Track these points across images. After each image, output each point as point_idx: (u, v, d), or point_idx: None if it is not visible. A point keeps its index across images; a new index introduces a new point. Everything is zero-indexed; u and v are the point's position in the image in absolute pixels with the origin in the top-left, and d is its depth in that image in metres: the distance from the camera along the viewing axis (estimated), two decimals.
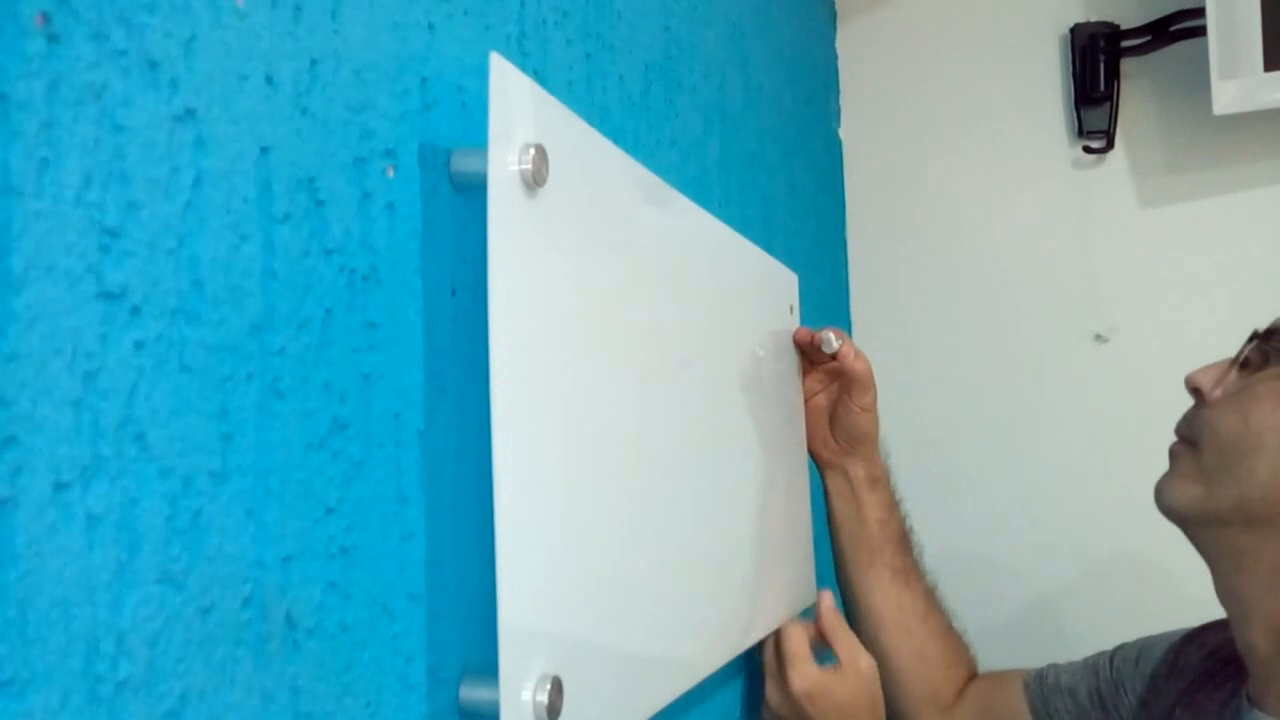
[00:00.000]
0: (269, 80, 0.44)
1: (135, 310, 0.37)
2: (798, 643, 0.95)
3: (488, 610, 0.53)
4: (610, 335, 0.66)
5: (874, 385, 1.05)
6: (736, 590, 0.89)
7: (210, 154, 0.41)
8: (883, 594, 1.07)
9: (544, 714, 0.53)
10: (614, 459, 0.65)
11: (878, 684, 0.97)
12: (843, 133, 1.72)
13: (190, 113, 0.40)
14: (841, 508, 1.09)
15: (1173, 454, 0.81)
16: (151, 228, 0.38)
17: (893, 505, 1.09)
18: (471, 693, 0.55)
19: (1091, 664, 1.01)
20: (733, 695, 1.00)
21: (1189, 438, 0.80)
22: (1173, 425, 1.51)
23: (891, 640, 1.07)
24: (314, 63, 0.47)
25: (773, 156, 1.27)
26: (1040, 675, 1.03)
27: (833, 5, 1.73)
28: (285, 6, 0.46)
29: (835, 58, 1.73)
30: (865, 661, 0.96)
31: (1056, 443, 1.60)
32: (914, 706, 1.07)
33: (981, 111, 1.67)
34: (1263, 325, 0.83)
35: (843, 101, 1.73)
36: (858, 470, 1.08)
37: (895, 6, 1.72)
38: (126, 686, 0.36)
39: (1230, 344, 1.45)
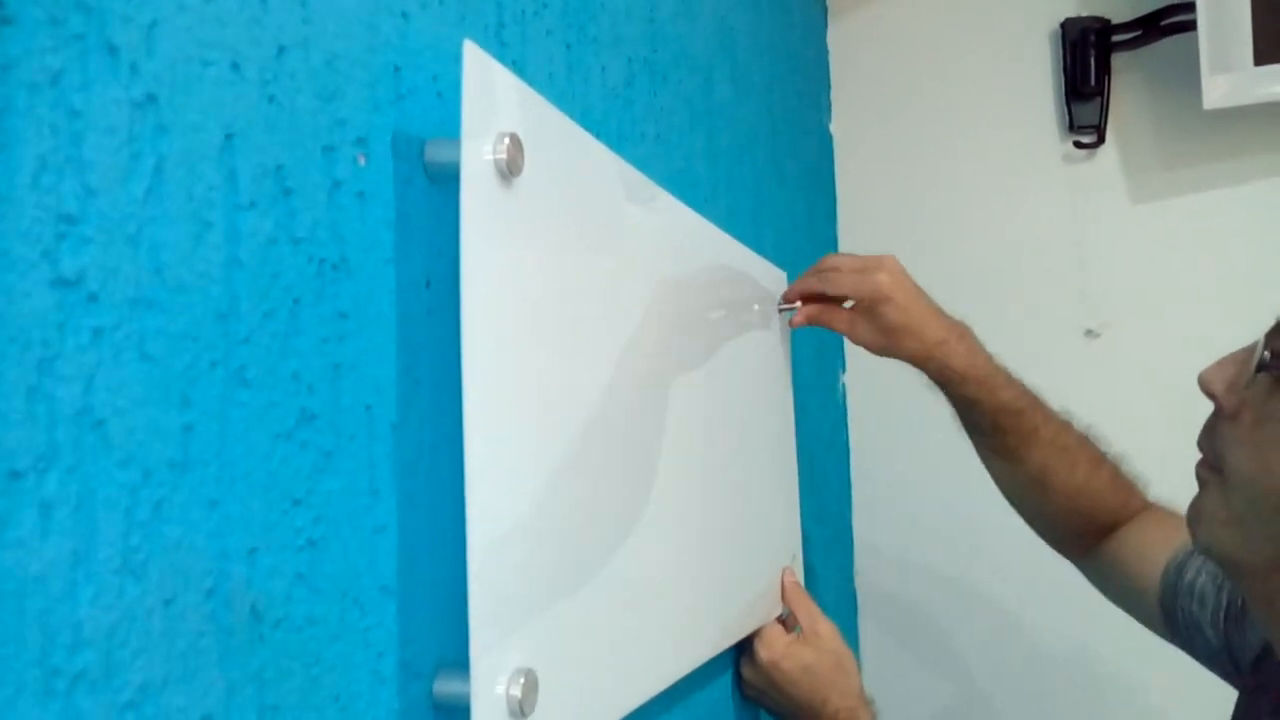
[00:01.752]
0: (234, 67, 0.44)
1: (93, 297, 0.37)
2: None
3: (463, 604, 0.52)
4: (586, 329, 0.65)
5: (863, 289, 1.00)
6: (719, 585, 0.89)
7: (172, 140, 0.40)
8: (990, 468, 1.09)
9: (517, 708, 0.52)
10: (589, 452, 0.64)
11: (840, 641, 1.02)
12: (834, 128, 1.72)
13: (151, 98, 0.40)
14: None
15: (1200, 478, 0.72)
16: (110, 215, 0.38)
17: (970, 400, 1.02)
18: (446, 686, 0.54)
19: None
20: (722, 690, 1.00)
21: (1213, 462, 0.70)
22: (1163, 420, 1.52)
23: (1011, 503, 1.09)
24: (282, 50, 0.47)
25: (762, 151, 1.27)
26: (1181, 567, 0.93)
27: (824, 1, 1.72)
28: None
29: (826, 52, 1.72)
30: (824, 625, 1.02)
31: None
32: (1053, 541, 1.09)
33: (972, 106, 1.66)
34: (1262, 320, 0.79)
35: (834, 96, 1.73)
36: (925, 368, 1.02)
37: (886, 2, 1.71)
38: (83, 678, 0.35)
39: (1220, 338, 1.44)
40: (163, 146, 0.40)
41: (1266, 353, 0.66)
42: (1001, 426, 1.02)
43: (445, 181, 0.57)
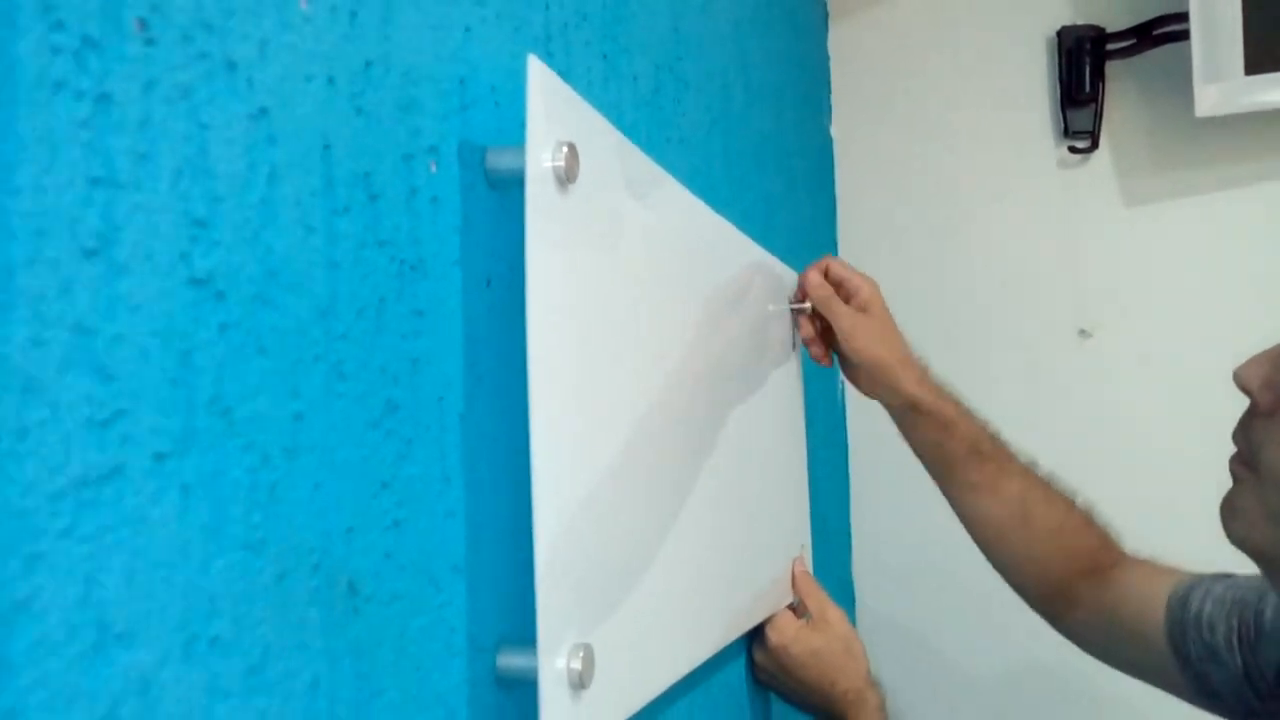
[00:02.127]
0: (330, 81, 0.47)
1: (220, 295, 0.40)
2: None
3: (518, 584, 0.56)
4: (631, 327, 0.69)
5: (848, 316, 1.05)
6: (739, 572, 0.93)
7: (281, 150, 0.44)
8: (967, 510, 1.08)
9: (577, 680, 0.56)
10: (636, 444, 0.68)
11: (848, 627, 1.05)
12: (834, 130, 1.76)
13: (264, 111, 0.43)
14: (906, 436, 1.09)
15: (1234, 472, 0.74)
16: (233, 219, 0.41)
17: (947, 423, 1.05)
18: (508, 661, 0.58)
19: (1239, 600, 0.89)
20: (737, 674, 1.03)
21: (1247, 457, 0.72)
22: (1155, 418, 1.57)
23: (991, 551, 1.07)
24: (368, 64, 0.50)
25: (771, 154, 1.30)
26: (1184, 600, 0.92)
27: (825, 5, 1.76)
28: (342, 11, 0.49)
29: (827, 56, 1.76)
30: (833, 612, 1.06)
31: (1042, 436, 1.63)
32: (1036, 596, 1.06)
33: (969, 111, 1.71)
34: (1250, 322, 0.81)
35: (834, 99, 1.76)
36: (891, 401, 1.06)
37: (886, 7, 1.75)
38: (218, 643, 0.39)
39: (1209, 339, 1.49)
40: (274, 156, 0.43)
41: None
42: (980, 452, 1.04)
43: (503, 187, 0.61)
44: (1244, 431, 0.72)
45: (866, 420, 1.73)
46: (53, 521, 0.33)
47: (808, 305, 1.09)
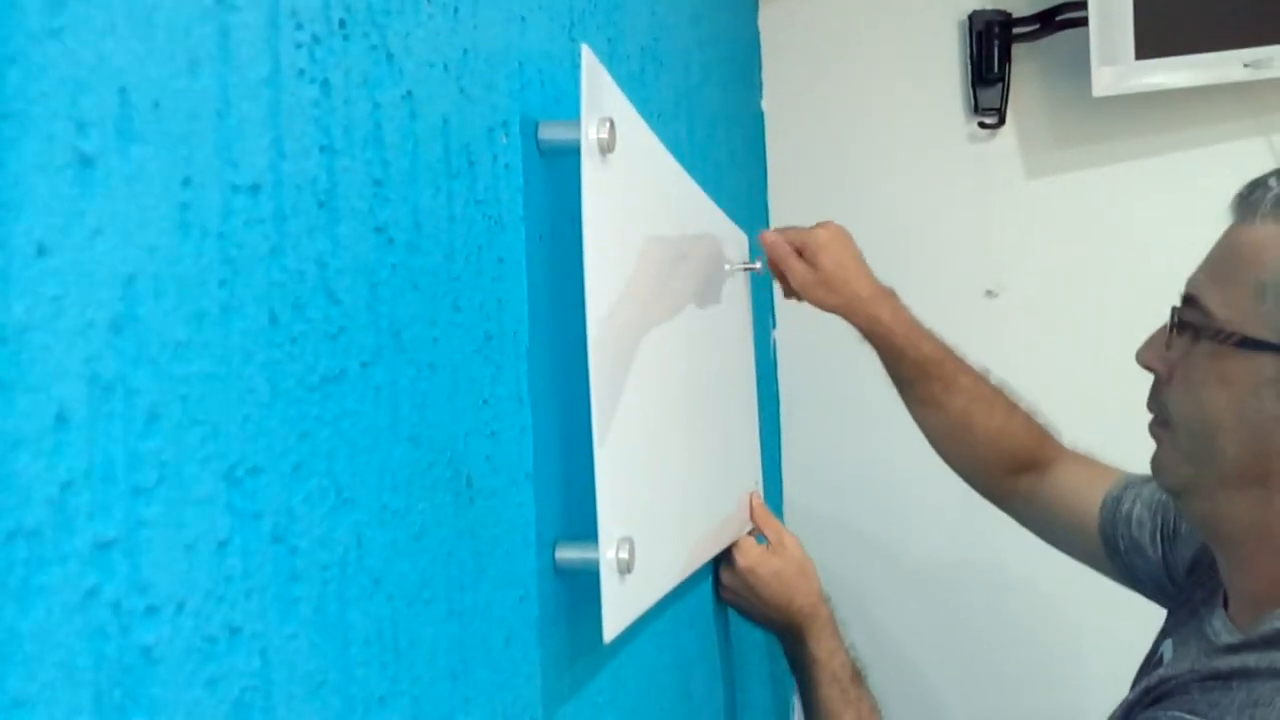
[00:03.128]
0: (446, 67, 0.57)
1: (391, 241, 0.50)
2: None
3: (569, 491, 0.68)
4: (648, 275, 0.80)
5: (798, 274, 1.19)
6: (713, 500, 1.05)
7: (420, 124, 0.54)
8: (919, 420, 1.25)
9: (625, 566, 0.67)
10: (653, 376, 0.79)
11: (802, 551, 1.19)
12: (765, 104, 1.88)
13: (409, 94, 0.53)
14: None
15: (1154, 434, 0.87)
16: (396, 183, 0.51)
17: (896, 350, 1.20)
18: (565, 553, 0.69)
19: (1163, 503, 1.04)
20: (704, 594, 1.16)
21: (1161, 418, 0.86)
22: (1053, 370, 1.74)
23: (941, 453, 1.25)
24: (465, 52, 0.60)
25: (720, 129, 1.42)
26: (1118, 500, 1.09)
27: None
28: (450, 7, 0.59)
29: (758, 35, 1.88)
30: (789, 539, 1.20)
31: None
32: (983, 489, 1.24)
33: (889, 87, 1.85)
34: (1139, 282, 0.95)
35: (765, 76, 1.89)
36: (855, 320, 1.21)
37: None
38: (396, 515, 0.49)
39: (1103, 299, 1.67)
40: (416, 130, 0.53)
41: (1179, 320, 0.83)
42: (927, 374, 1.21)
43: (552, 155, 0.71)
44: (1155, 399, 0.87)
45: (796, 373, 1.87)
46: (309, 409, 0.43)
47: (757, 265, 1.23)
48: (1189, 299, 0.82)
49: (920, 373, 1.20)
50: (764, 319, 1.79)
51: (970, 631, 1.80)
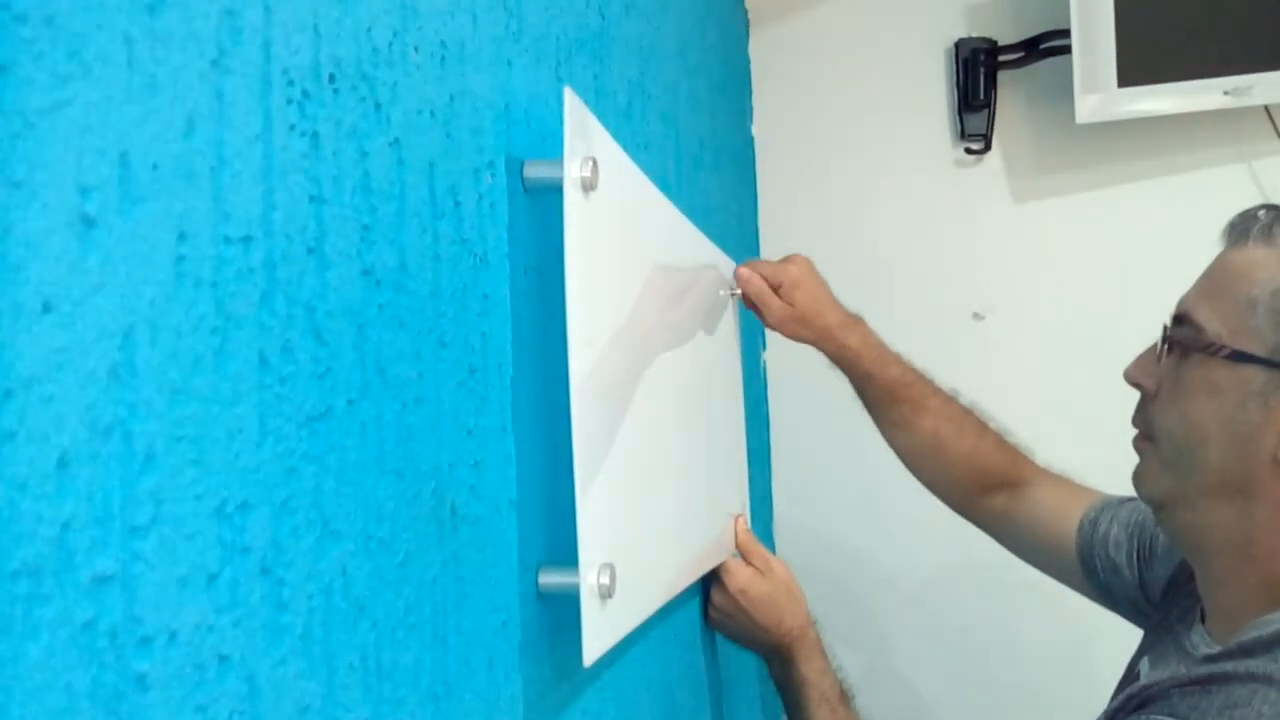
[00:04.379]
0: (432, 113, 0.60)
1: (378, 283, 0.53)
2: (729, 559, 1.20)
3: (551, 518, 0.70)
4: (634, 308, 0.83)
5: (773, 311, 1.22)
6: (700, 523, 1.08)
7: (407, 170, 0.56)
8: (891, 442, 1.28)
9: (605, 593, 0.70)
10: (638, 405, 0.82)
11: (790, 574, 1.22)
12: (755, 130, 1.91)
13: (397, 141, 0.56)
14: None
15: (1137, 448, 0.89)
16: (384, 224, 0.53)
17: (865, 375, 1.24)
18: (548, 578, 0.71)
19: (1139, 524, 1.07)
20: (691, 615, 1.18)
21: (1145, 433, 0.88)
22: (1038, 390, 1.77)
23: (914, 473, 1.28)
24: (452, 98, 0.63)
25: (708, 155, 1.45)
26: (1095, 522, 1.11)
27: (746, 14, 1.91)
28: (436, 55, 0.61)
29: (748, 61, 1.92)
30: (776, 563, 1.22)
31: None
32: (957, 508, 1.26)
33: (877, 113, 1.88)
34: (1123, 305, 0.99)
35: (755, 102, 1.92)
36: (825, 348, 1.24)
37: (802, 17, 1.91)
38: (381, 544, 0.51)
39: (1087, 321, 1.69)
40: (404, 176, 0.56)
41: (1169, 339, 0.85)
42: (895, 396, 1.24)
43: (537, 193, 0.74)
44: (1141, 414, 0.89)
45: (786, 394, 1.90)
46: (297, 446, 0.45)
47: (739, 292, 1.26)
48: (1180, 318, 0.84)
49: (889, 395, 1.24)
50: (754, 342, 1.81)
51: (961, 649, 1.82)
